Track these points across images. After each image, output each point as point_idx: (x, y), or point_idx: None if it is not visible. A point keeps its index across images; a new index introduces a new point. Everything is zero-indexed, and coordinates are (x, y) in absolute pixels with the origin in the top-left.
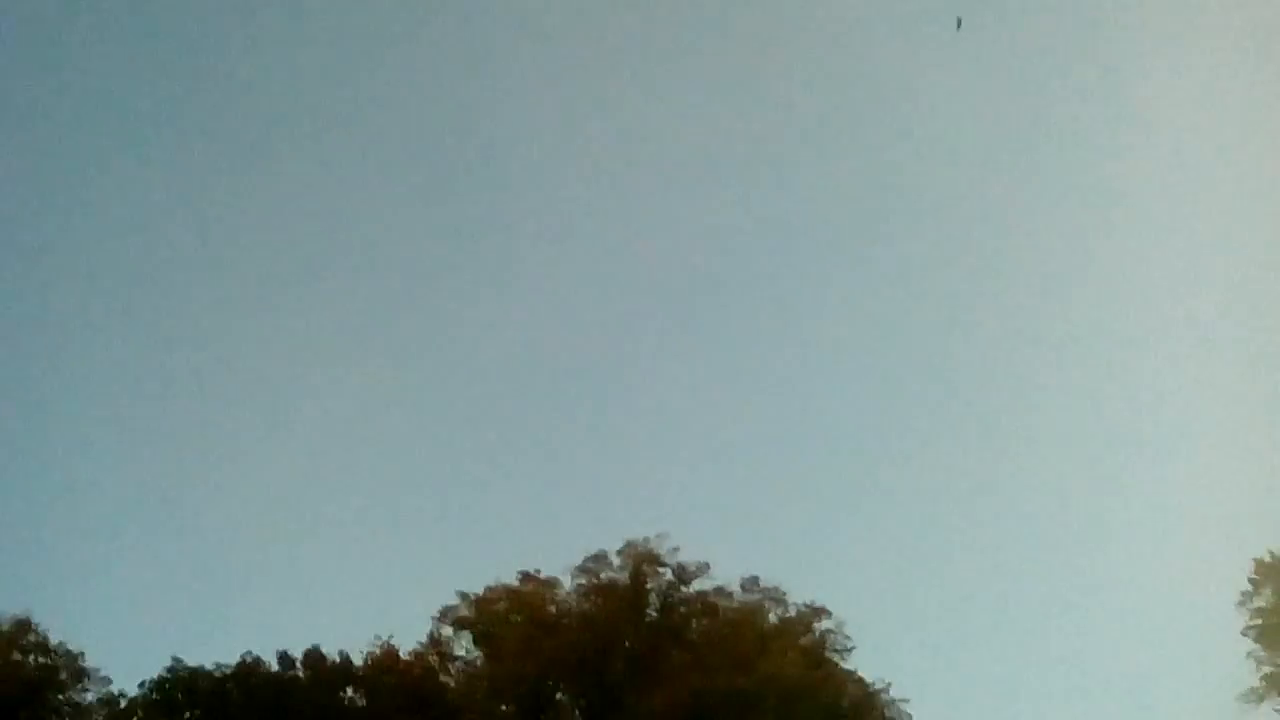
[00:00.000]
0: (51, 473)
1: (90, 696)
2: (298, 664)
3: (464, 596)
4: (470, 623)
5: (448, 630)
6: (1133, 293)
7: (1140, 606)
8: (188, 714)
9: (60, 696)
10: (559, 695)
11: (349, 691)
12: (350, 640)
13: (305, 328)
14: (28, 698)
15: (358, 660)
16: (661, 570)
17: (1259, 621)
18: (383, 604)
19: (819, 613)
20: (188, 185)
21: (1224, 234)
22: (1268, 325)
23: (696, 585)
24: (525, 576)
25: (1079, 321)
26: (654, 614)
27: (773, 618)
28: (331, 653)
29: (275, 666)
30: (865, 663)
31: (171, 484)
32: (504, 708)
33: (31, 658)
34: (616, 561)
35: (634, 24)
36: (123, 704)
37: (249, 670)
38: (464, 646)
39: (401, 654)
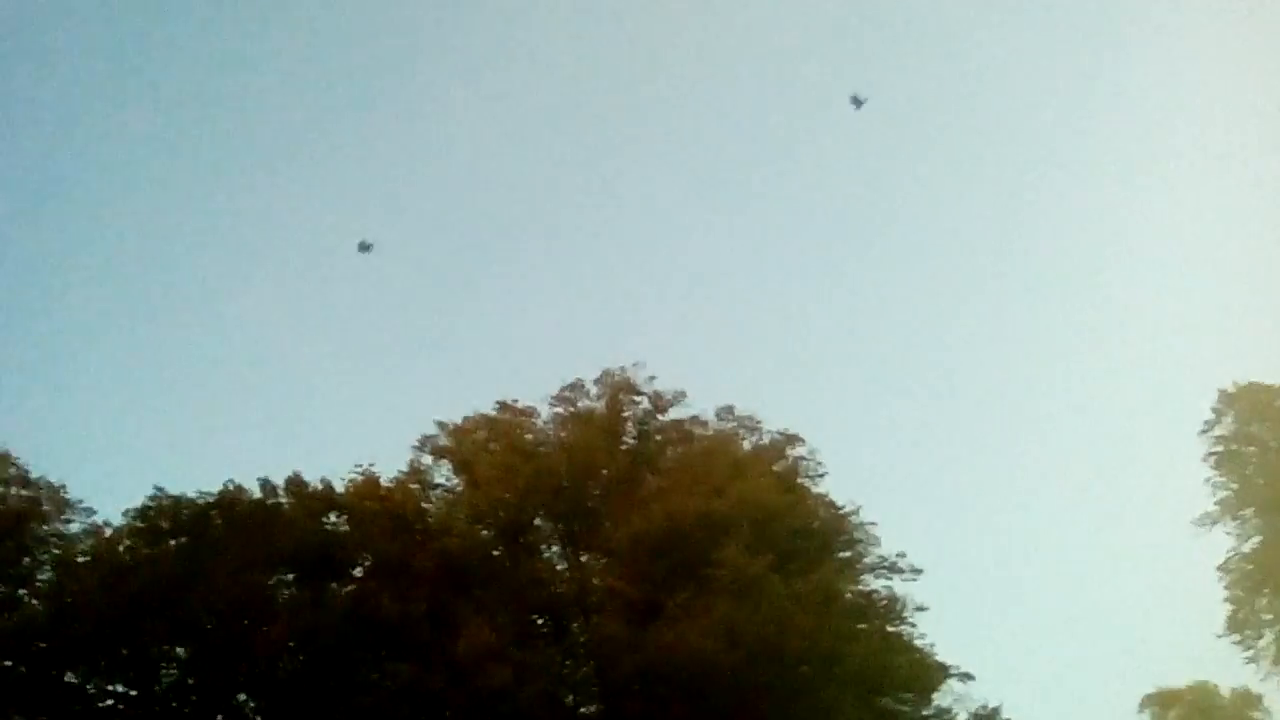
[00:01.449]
0: (24, 301)
1: (75, 527)
2: (280, 491)
3: (443, 426)
4: (449, 451)
5: (427, 459)
6: (1113, 118)
7: (1110, 434)
8: (172, 541)
9: (44, 528)
10: (537, 520)
11: (332, 518)
12: (331, 469)
13: (278, 141)
14: (11, 529)
15: (339, 488)
16: (638, 399)
17: (1219, 449)
18: (362, 435)
19: (792, 440)
20: None
21: None
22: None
23: (672, 414)
24: (503, 406)
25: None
26: (630, 442)
27: (746, 445)
28: (313, 481)
29: (257, 494)
30: (836, 489)
31: (150, 314)
32: (484, 532)
33: (13, 490)
34: (594, 391)
35: None
36: (108, 533)
37: (232, 498)
38: (443, 475)
39: (382, 483)
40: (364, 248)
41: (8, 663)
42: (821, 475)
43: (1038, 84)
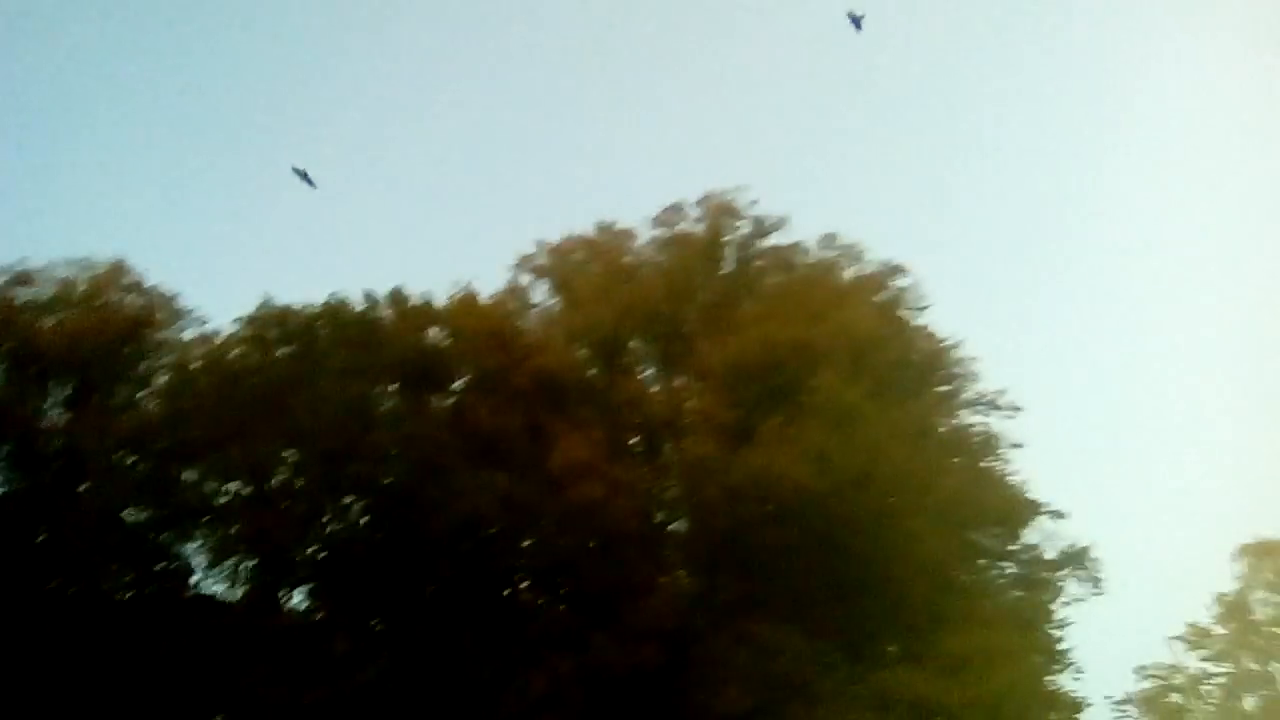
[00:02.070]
0: (138, 118)
1: (188, 334)
2: (382, 304)
3: (542, 245)
4: (548, 271)
5: (526, 278)
6: None
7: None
8: (280, 350)
9: (160, 335)
10: (633, 342)
11: (432, 332)
12: (432, 285)
13: None
14: (129, 335)
15: (439, 304)
16: (739, 224)
17: None
18: (463, 252)
19: (895, 270)
20: None
21: None
22: None
23: (773, 240)
24: (602, 227)
25: None
26: (729, 267)
27: (848, 274)
28: (414, 296)
29: (361, 306)
30: (938, 321)
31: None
32: (580, 352)
33: (129, 297)
34: (694, 214)
35: None
36: (219, 340)
37: (337, 309)
38: (542, 293)
39: (481, 300)
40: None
41: (131, 460)
42: (924, 307)
43: None
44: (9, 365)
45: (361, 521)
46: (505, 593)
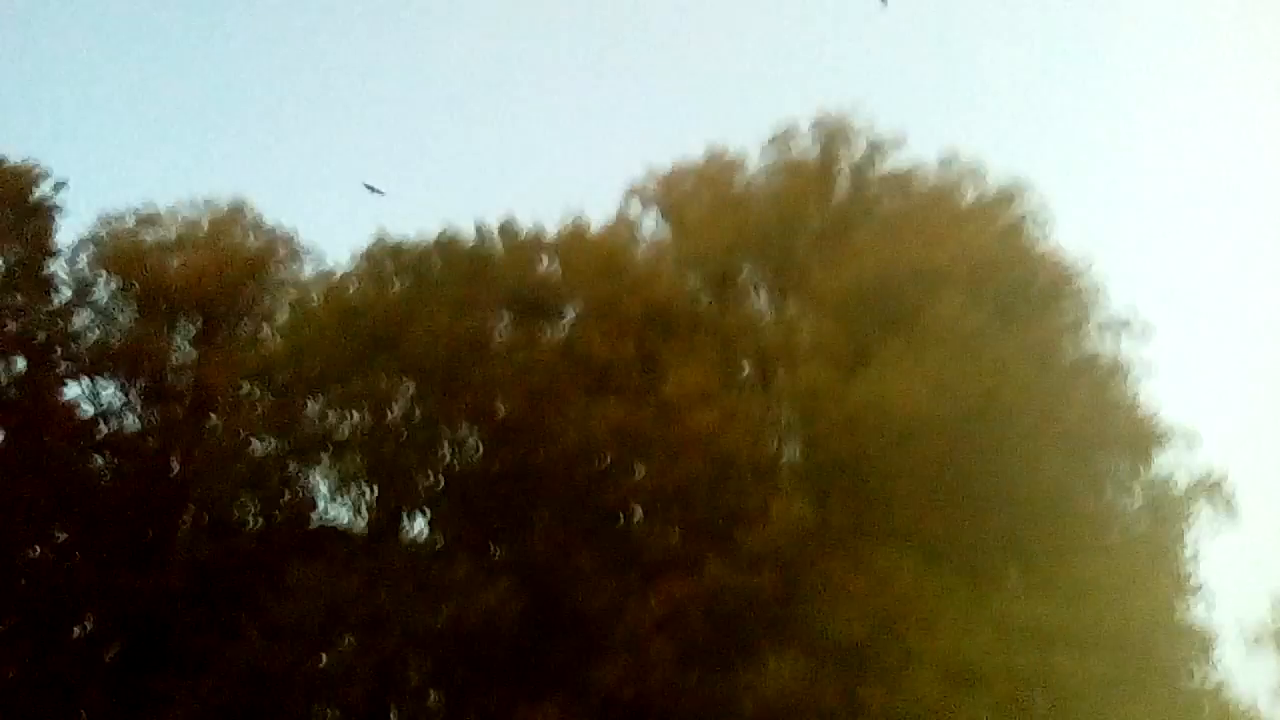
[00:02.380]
0: (244, 57)
1: (306, 272)
2: (493, 236)
3: (652, 174)
4: (657, 199)
5: (636, 207)
6: None
7: None
8: (394, 285)
9: (280, 272)
10: (744, 269)
11: (543, 262)
12: (542, 217)
13: None
14: (250, 274)
15: (550, 235)
16: (853, 146)
17: None
18: (572, 182)
19: (1020, 189)
20: None
21: None
22: None
23: (890, 162)
24: (712, 154)
25: None
26: (843, 191)
27: (969, 195)
28: (525, 226)
29: (473, 238)
30: (1067, 242)
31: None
32: (691, 280)
33: (250, 237)
34: (807, 136)
35: None
36: (337, 276)
37: (448, 243)
38: (652, 223)
39: (591, 230)
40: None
41: (255, 393)
42: (1050, 228)
43: None
44: (139, 305)
45: (477, 451)
46: (620, 520)
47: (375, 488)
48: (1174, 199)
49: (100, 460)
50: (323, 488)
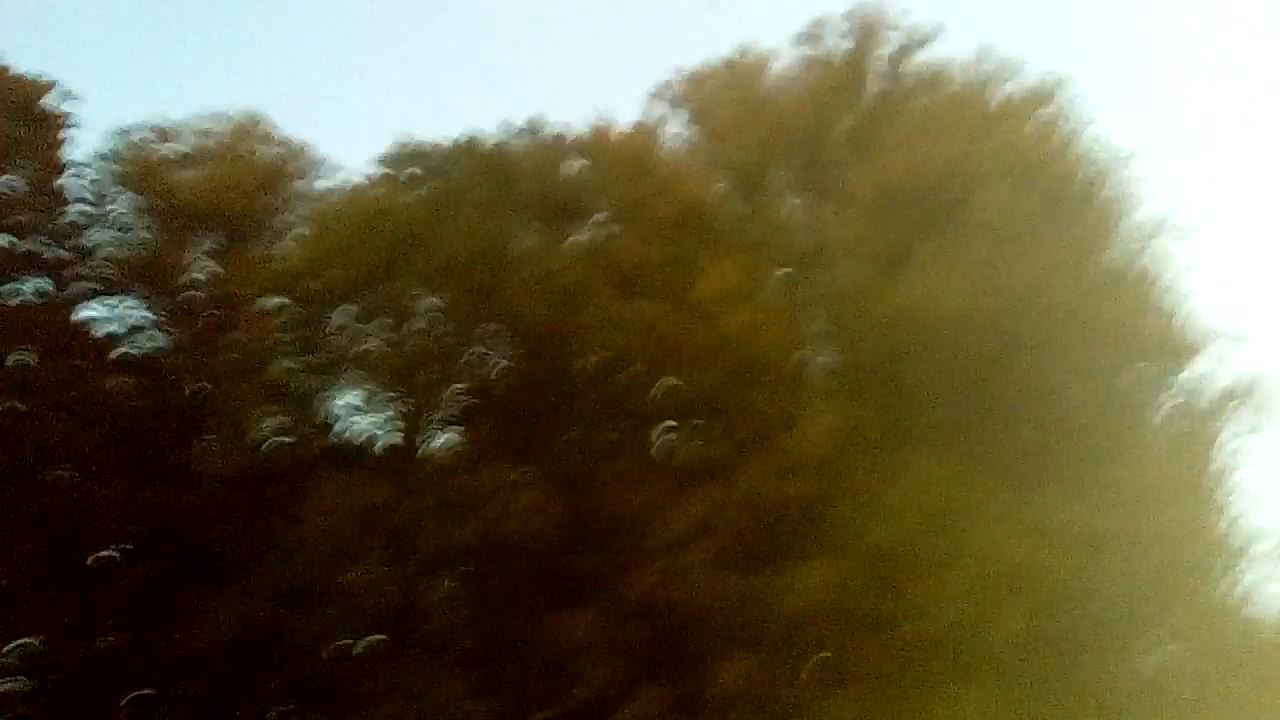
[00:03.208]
0: None
1: (325, 183)
2: (518, 137)
3: (680, 72)
4: (686, 99)
5: (663, 107)
6: None
7: None
8: (417, 189)
9: (297, 184)
10: (775, 170)
11: (569, 163)
12: (568, 117)
13: None
14: (267, 186)
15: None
16: (886, 40)
17: None
18: (598, 83)
19: (1056, 86)
20: None
21: None
22: None
23: (924, 55)
24: (741, 51)
25: None
26: (875, 87)
27: (1008, 89)
28: (550, 127)
29: (497, 139)
30: (1108, 136)
31: None
32: (721, 181)
33: (265, 149)
34: (840, 30)
35: None
36: (357, 184)
37: (471, 144)
38: (680, 123)
39: (619, 130)
40: None
41: (276, 307)
42: (1090, 123)
43: None
44: (156, 220)
45: (505, 358)
46: (653, 427)
47: (400, 399)
48: (1216, 96)
49: (121, 379)
50: (349, 400)
